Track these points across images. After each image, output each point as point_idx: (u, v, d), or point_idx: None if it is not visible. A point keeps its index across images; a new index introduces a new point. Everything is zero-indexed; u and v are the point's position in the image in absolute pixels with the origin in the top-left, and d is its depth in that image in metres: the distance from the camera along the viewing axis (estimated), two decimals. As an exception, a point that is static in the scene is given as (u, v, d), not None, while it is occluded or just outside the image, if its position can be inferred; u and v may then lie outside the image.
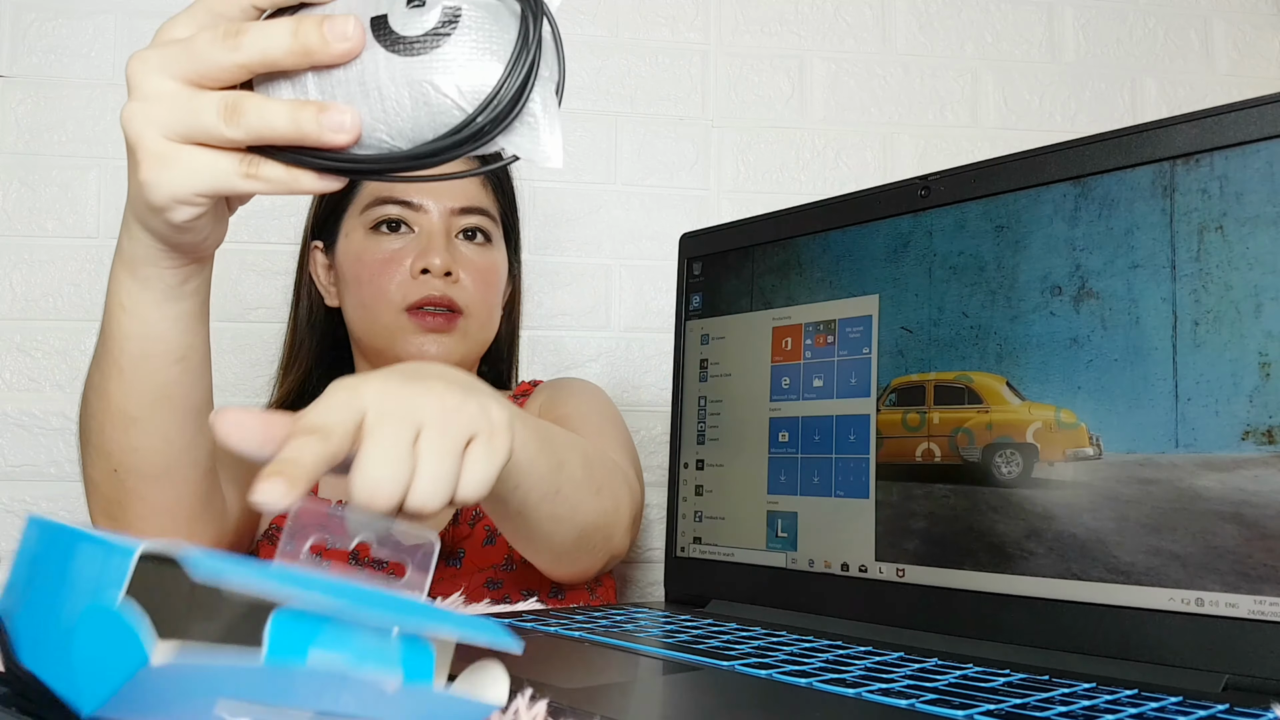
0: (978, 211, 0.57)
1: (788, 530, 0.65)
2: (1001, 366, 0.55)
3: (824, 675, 0.44)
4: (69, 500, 1.09)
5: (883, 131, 1.24)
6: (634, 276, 1.19)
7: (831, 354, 0.64)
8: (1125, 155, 0.52)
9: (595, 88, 1.20)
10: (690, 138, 1.21)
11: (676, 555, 0.73)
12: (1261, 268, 0.46)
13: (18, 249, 1.10)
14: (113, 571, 0.28)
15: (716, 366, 0.72)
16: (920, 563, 0.57)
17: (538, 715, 0.35)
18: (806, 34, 1.24)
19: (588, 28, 1.20)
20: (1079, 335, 0.52)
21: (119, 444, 0.56)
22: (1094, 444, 0.51)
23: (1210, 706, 0.41)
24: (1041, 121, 1.25)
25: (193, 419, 0.57)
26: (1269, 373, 0.46)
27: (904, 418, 0.59)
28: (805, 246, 0.67)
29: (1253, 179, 0.47)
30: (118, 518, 0.59)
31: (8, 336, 1.09)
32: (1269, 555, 0.44)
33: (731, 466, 0.70)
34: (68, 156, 1.11)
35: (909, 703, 0.39)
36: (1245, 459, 0.46)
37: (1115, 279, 0.51)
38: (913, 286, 0.60)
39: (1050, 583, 0.51)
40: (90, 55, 1.12)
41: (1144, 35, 1.28)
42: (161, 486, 0.58)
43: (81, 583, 0.30)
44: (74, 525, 0.33)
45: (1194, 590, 0.47)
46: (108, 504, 0.59)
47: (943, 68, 1.25)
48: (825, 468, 0.64)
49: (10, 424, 1.09)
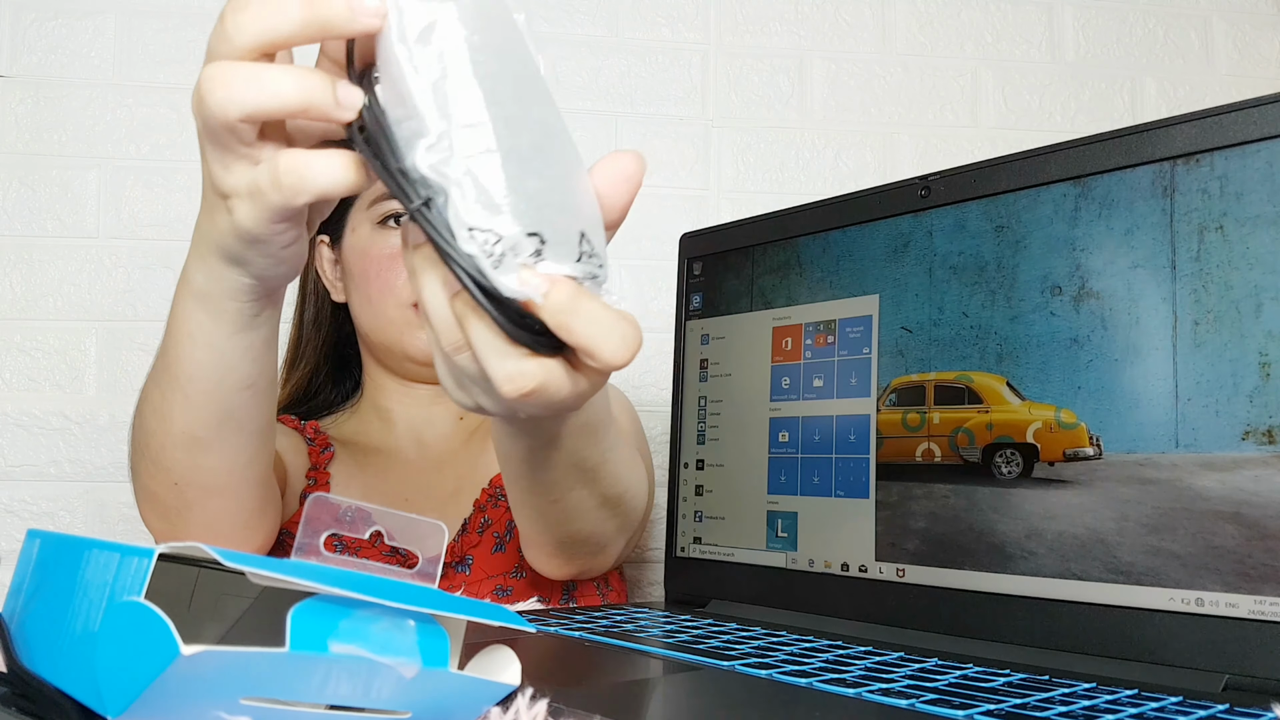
0: (978, 211, 0.57)
1: (788, 530, 0.65)
2: (1002, 366, 0.55)
3: (824, 675, 0.44)
4: (68, 500, 1.09)
5: (883, 131, 1.24)
6: (634, 276, 1.19)
7: (832, 354, 0.64)
8: (1125, 155, 0.52)
9: (594, 88, 1.20)
10: (690, 138, 1.21)
11: (676, 555, 0.73)
12: (1262, 267, 0.46)
13: (17, 249, 1.10)
14: (132, 573, 0.29)
15: (717, 366, 0.72)
16: (920, 563, 0.57)
17: (538, 715, 0.35)
18: (806, 33, 1.24)
19: (587, 27, 1.20)
20: (1079, 335, 0.52)
21: (182, 463, 0.55)
22: (1094, 444, 0.51)
23: (1210, 706, 0.41)
24: (1041, 121, 1.25)
25: (257, 438, 0.56)
26: (1269, 373, 0.46)
27: (904, 418, 0.59)
28: (805, 246, 0.67)
29: (1253, 179, 0.47)
30: (175, 523, 0.59)
31: (7, 336, 1.09)
32: (1269, 555, 0.44)
33: (732, 466, 0.70)
34: (67, 156, 1.11)
35: (909, 703, 0.39)
36: (1245, 459, 0.46)
37: (1115, 279, 0.51)
38: (913, 286, 0.60)
39: (1050, 583, 0.51)
40: (90, 55, 1.12)
41: (1144, 35, 1.28)
42: (224, 499, 0.58)
43: (95, 588, 0.30)
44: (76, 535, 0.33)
45: (1194, 590, 0.47)
46: (166, 510, 0.59)
47: (943, 67, 1.25)
48: (825, 468, 0.63)
49: (9, 424, 1.09)
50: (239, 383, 0.52)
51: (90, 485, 1.09)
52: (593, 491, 0.62)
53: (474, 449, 0.88)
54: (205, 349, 0.49)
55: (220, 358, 0.50)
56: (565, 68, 1.19)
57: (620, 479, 0.64)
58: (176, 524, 0.59)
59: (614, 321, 0.35)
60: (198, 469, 0.55)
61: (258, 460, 0.58)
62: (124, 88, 1.13)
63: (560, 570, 0.73)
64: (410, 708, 0.32)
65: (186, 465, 0.55)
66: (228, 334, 0.49)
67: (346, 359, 0.95)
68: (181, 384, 0.51)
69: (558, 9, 1.20)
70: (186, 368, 0.50)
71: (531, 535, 0.69)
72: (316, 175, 0.37)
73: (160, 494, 0.58)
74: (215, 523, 0.59)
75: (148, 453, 0.57)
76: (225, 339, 0.49)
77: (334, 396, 0.95)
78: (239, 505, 0.60)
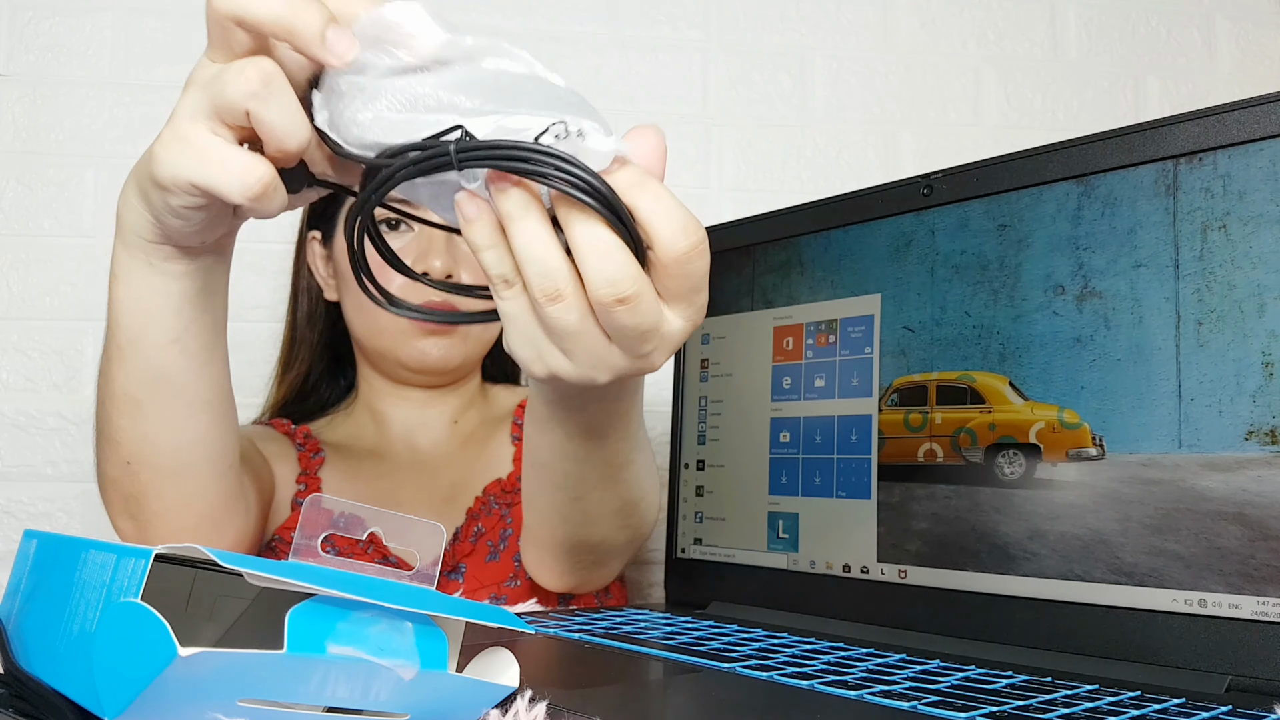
0: (980, 210, 0.57)
1: (789, 531, 0.65)
2: (1004, 366, 0.55)
3: (826, 677, 0.44)
4: (65, 501, 1.09)
5: (885, 130, 1.24)
6: (634, 275, 1.19)
7: (833, 354, 0.64)
8: (1128, 154, 0.51)
9: (594, 86, 1.19)
10: (691, 136, 1.21)
11: (677, 556, 0.73)
12: (1265, 267, 0.46)
13: (14, 248, 1.10)
14: (129, 574, 0.28)
15: (717, 366, 0.72)
16: (922, 564, 0.57)
17: (537, 717, 0.35)
18: (808, 31, 1.24)
19: (587, 25, 1.20)
20: (1082, 335, 0.52)
21: (127, 432, 0.55)
22: (1097, 444, 0.51)
23: (1213, 708, 0.40)
24: (1044, 120, 1.25)
25: (202, 411, 0.56)
26: (1272, 372, 0.45)
27: (906, 418, 0.59)
28: (806, 245, 0.67)
29: (1256, 178, 0.47)
30: (136, 515, 0.58)
31: (4, 336, 1.09)
32: (1272, 556, 0.44)
33: (732, 467, 0.70)
34: (65, 156, 1.11)
35: (911, 705, 0.39)
36: (1249, 459, 0.46)
37: (1118, 278, 0.51)
38: (915, 286, 0.60)
39: (1053, 584, 0.51)
40: (87, 54, 1.12)
41: (1147, 34, 1.28)
42: (177, 483, 0.57)
43: (92, 589, 0.30)
44: (73, 536, 0.33)
45: (1197, 591, 0.46)
46: (125, 500, 0.58)
47: (945, 66, 1.25)
48: (827, 468, 0.63)
49: (6, 424, 1.08)
50: (163, 334, 0.52)
51: (87, 486, 1.09)
52: (614, 494, 0.62)
53: (468, 454, 0.88)
54: (124, 286, 0.50)
55: (138, 298, 0.50)
56: (565, 66, 1.19)
57: (639, 483, 0.64)
58: (138, 516, 0.58)
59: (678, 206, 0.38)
60: (143, 439, 0.55)
61: (209, 440, 0.57)
62: (122, 86, 1.13)
63: (560, 580, 0.73)
64: (409, 710, 0.31)
65: (131, 436, 0.55)
66: (141, 271, 0.49)
67: (341, 358, 0.94)
68: (114, 335, 0.52)
69: (557, 7, 1.20)
70: (115, 315, 0.51)
71: (543, 537, 0.68)
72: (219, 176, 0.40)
73: (118, 480, 0.57)
74: (175, 511, 0.58)
75: (103, 429, 0.57)
76: (140, 277, 0.49)
77: (329, 396, 0.94)
78: (200, 491, 0.59)
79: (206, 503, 0.60)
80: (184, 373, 0.54)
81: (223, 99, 0.39)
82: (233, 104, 0.39)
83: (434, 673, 0.31)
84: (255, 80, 0.38)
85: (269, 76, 0.39)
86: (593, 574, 0.73)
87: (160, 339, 0.52)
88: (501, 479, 0.84)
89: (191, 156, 0.40)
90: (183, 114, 0.41)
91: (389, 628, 0.30)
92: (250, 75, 0.38)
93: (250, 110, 0.39)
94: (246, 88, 0.38)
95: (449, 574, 0.79)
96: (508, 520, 0.82)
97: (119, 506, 0.59)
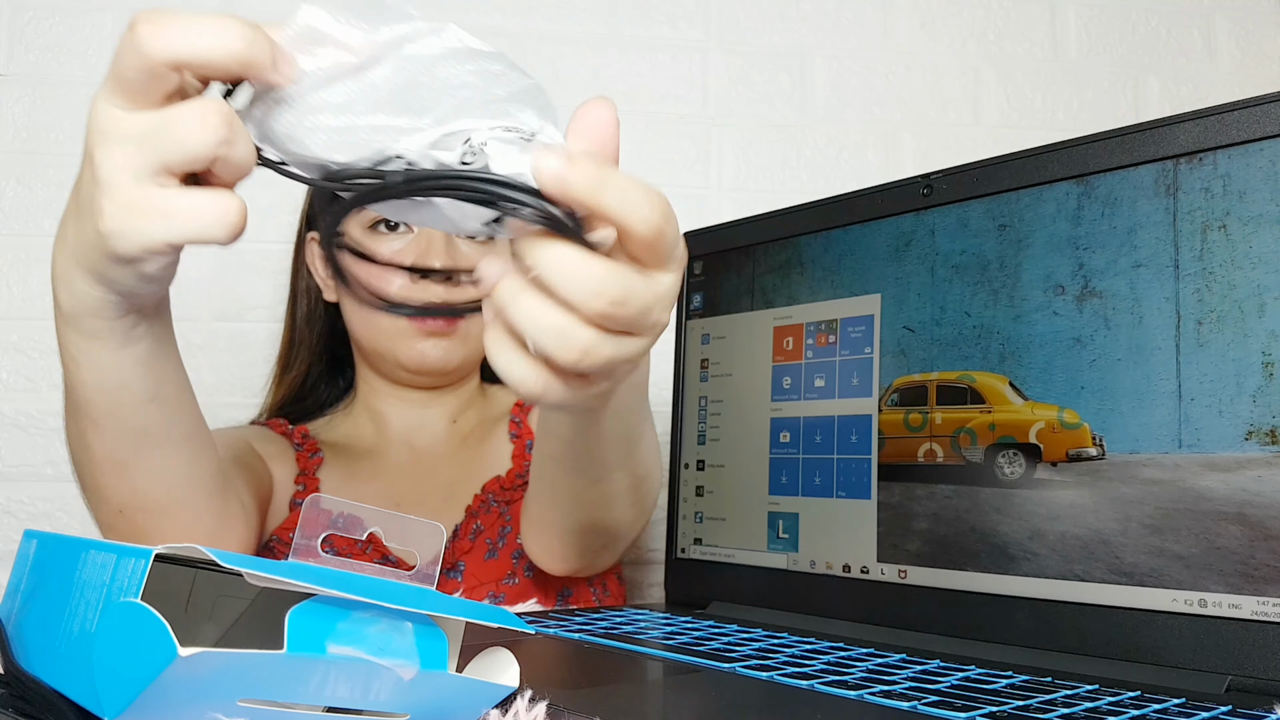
0: (980, 210, 0.57)
1: (789, 531, 0.65)
2: (1004, 366, 0.55)
3: (826, 677, 0.44)
4: (65, 501, 1.09)
5: (885, 130, 1.24)
6: (634, 275, 1.19)
7: (833, 354, 0.64)
8: (1128, 154, 0.51)
9: (594, 86, 1.19)
10: (690, 136, 1.21)
11: (677, 556, 0.73)
12: (1265, 267, 0.46)
13: (15, 248, 1.09)
14: (129, 574, 0.29)
15: (717, 366, 0.72)
16: (922, 564, 0.57)
17: (537, 717, 0.35)
18: (808, 31, 1.24)
19: (587, 25, 1.20)
20: (1082, 335, 0.52)
21: (115, 489, 0.54)
22: (1097, 444, 0.51)
23: (1213, 708, 0.40)
24: (1044, 120, 1.25)
25: (185, 446, 0.54)
26: (1272, 372, 0.45)
27: (906, 418, 0.59)
28: (807, 245, 0.67)
29: (1256, 178, 0.47)
30: None
31: (4, 336, 1.09)
32: (1272, 556, 0.44)
33: (732, 467, 0.70)
34: (65, 156, 1.11)
35: (911, 705, 0.39)
36: (1249, 459, 0.46)
37: (1118, 278, 0.51)
38: (915, 286, 0.60)
39: (1053, 584, 0.51)
40: (87, 54, 1.12)
41: (1147, 33, 1.28)
42: (172, 516, 0.57)
43: (92, 589, 0.30)
44: (73, 536, 0.33)
45: (1197, 591, 0.46)
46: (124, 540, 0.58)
47: (945, 66, 1.25)
48: (827, 468, 0.63)
49: (6, 424, 1.08)
50: (139, 398, 0.49)
51: (89, 484, 1.09)
52: (628, 472, 0.62)
53: (467, 453, 0.88)
54: (91, 370, 0.47)
55: (108, 377, 0.47)
56: (564, 65, 1.19)
57: (648, 459, 0.64)
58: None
59: (637, 187, 0.36)
60: (134, 492, 0.54)
61: (195, 472, 0.56)
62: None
63: (564, 564, 0.73)
64: (409, 710, 0.31)
65: (122, 490, 0.53)
66: (109, 352, 0.46)
67: (340, 358, 0.94)
68: (85, 410, 0.49)
69: (557, 7, 1.20)
70: (82, 393, 0.48)
71: (555, 524, 0.68)
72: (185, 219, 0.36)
73: (113, 525, 0.56)
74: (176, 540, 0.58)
75: (86, 486, 0.55)
76: (108, 357, 0.46)
77: (327, 396, 0.94)
78: (194, 519, 0.58)
79: (205, 525, 0.59)
80: (163, 420, 0.51)
81: (183, 152, 0.36)
82: (198, 155, 0.36)
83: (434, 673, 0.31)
84: (222, 128, 0.35)
85: (229, 118, 0.36)
86: (598, 558, 0.73)
87: (137, 401, 0.49)
88: (500, 476, 0.84)
89: (156, 220, 0.37)
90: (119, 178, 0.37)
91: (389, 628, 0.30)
92: (214, 124, 0.35)
93: (220, 156, 0.36)
94: (215, 136, 0.35)
95: (448, 572, 0.79)
96: (506, 518, 0.82)
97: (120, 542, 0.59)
